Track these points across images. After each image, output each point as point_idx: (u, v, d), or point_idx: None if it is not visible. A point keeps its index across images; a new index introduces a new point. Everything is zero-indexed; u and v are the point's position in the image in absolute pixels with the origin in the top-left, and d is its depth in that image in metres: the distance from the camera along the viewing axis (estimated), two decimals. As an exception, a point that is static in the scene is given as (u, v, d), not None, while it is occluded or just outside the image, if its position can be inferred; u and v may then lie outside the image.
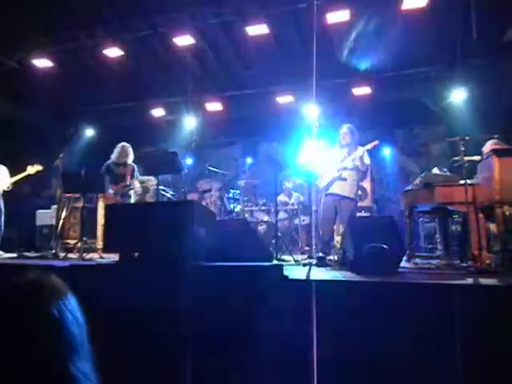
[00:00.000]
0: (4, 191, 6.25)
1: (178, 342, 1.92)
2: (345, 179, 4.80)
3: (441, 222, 5.33)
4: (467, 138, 4.01)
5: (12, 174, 6.34)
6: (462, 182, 4.08)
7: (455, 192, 4.17)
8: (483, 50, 6.71)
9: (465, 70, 7.35)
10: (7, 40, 7.00)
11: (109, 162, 6.02)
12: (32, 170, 6.27)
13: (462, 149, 4.00)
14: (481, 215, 4.11)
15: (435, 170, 5.01)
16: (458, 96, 7.69)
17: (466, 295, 2.36)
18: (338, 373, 2.27)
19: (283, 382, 2.18)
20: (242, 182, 7.98)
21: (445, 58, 7.30)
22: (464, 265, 4.07)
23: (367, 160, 4.84)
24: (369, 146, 4.83)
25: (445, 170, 5.01)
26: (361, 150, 4.78)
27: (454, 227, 6.01)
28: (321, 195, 5.22)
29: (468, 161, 4.43)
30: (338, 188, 4.83)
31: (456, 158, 4.55)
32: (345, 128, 5.01)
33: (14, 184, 6.34)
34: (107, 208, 2.80)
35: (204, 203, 7.74)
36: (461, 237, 5.01)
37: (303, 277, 2.96)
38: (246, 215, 7.69)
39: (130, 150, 6.04)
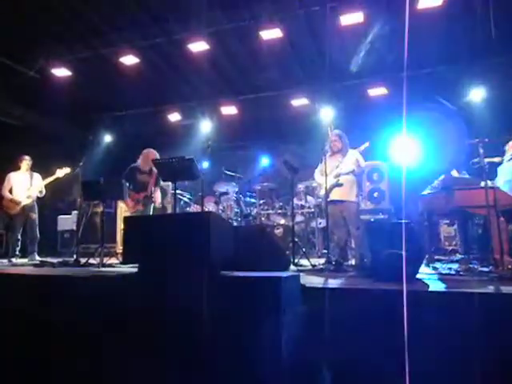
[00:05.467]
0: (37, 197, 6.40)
1: (196, 354, 1.95)
2: (342, 185, 4.89)
3: (461, 225, 5.23)
4: (486, 140, 3.93)
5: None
6: (482, 184, 4.00)
7: (475, 195, 4.09)
8: (502, 48, 6.56)
9: (483, 69, 7.20)
10: (26, 51, 7.19)
11: (134, 165, 5.77)
12: (61, 173, 6.32)
13: (482, 151, 3.92)
14: (502, 218, 4.02)
15: (454, 173, 4.93)
16: (476, 95, 7.54)
17: (486, 304, 2.32)
18: None
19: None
20: (258, 186, 7.99)
21: (463, 57, 7.16)
22: (485, 270, 3.98)
23: (362, 162, 4.99)
24: (361, 148, 4.92)
25: (464, 172, 4.93)
26: (354, 154, 4.87)
27: (476, 229, 5.89)
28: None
29: (488, 162, 4.35)
30: (337, 194, 4.92)
31: (475, 160, 4.46)
32: (334, 135, 5.08)
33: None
34: (125, 221, 2.85)
35: (221, 206, 7.78)
36: (482, 240, 4.92)
37: (320, 285, 2.96)
38: (263, 218, 7.70)
39: (157, 156, 5.68)
